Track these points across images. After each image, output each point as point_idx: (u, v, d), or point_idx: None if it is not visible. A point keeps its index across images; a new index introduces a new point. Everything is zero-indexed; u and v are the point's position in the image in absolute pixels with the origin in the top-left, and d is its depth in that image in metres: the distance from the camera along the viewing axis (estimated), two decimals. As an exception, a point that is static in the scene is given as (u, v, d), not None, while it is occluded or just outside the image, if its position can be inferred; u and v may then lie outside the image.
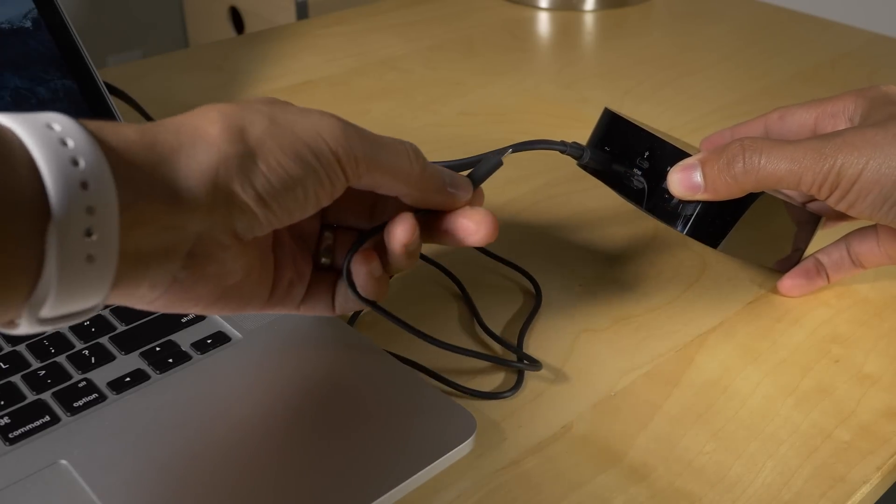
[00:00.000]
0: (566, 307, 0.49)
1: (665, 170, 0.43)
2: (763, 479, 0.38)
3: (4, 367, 0.42)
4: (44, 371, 0.42)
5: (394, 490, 0.36)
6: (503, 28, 0.91)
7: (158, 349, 0.43)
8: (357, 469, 0.37)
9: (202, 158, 0.30)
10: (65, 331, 0.44)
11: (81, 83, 0.54)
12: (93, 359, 0.43)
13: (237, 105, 0.33)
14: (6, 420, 0.39)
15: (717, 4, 0.97)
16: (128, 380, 0.41)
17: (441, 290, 0.50)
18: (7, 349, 0.43)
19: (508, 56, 0.84)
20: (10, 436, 0.38)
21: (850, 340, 0.46)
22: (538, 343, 0.46)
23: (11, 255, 0.25)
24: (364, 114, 0.72)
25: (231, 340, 0.44)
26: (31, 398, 0.40)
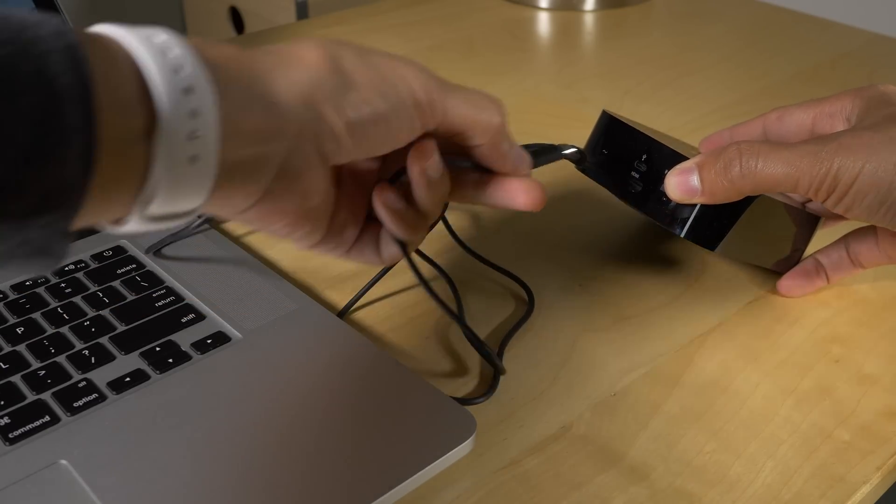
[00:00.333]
0: (566, 307, 0.49)
1: (662, 173, 0.43)
2: (763, 479, 0.38)
3: (4, 367, 0.42)
4: (44, 371, 0.42)
5: (394, 490, 0.36)
6: (503, 28, 0.91)
7: (158, 349, 0.43)
8: (357, 469, 0.37)
9: (298, 78, 0.32)
10: (65, 331, 0.44)
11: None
12: (93, 359, 0.43)
13: (331, 39, 0.35)
14: (6, 420, 0.39)
15: (717, 4, 0.97)
16: (128, 380, 0.41)
17: (439, 290, 0.50)
18: (7, 349, 0.43)
19: (508, 56, 0.84)
20: (10, 436, 0.38)
21: (850, 340, 0.46)
22: (538, 343, 0.46)
23: (123, 156, 0.27)
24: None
25: (231, 340, 0.44)
26: (31, 398, 0.40)
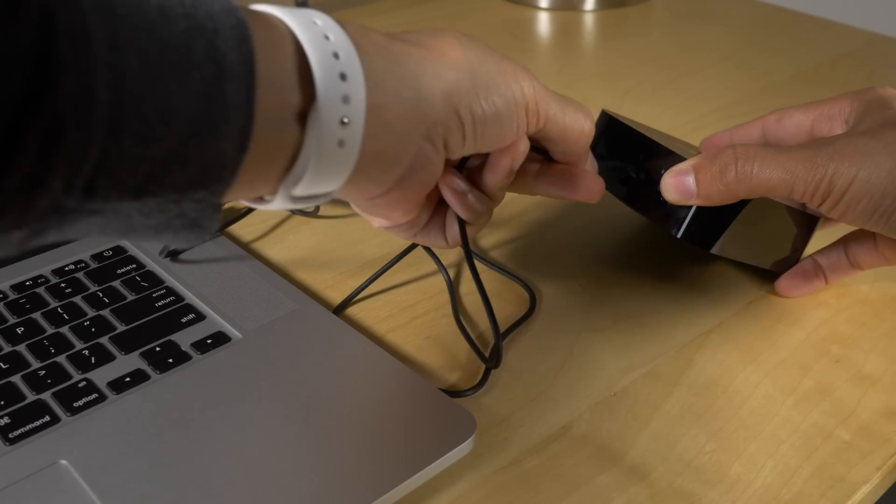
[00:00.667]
0: (566, 307, 0.49)
1: (659, 173, 0.43)
2: (763, 479, 0.38)
3: (4, 367, 0.42)
4: (44, 371, 0.42)
5: (394, 490, 0.36)
6: (503, 28, 0.91)
7: (158, 349, 0.43)
8: (357, 469, 0.37)
9: (443, 75, 0.34)
10: (65, 331, 0.44)
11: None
12: (93, 359, 0.43)
13: (461, 34, 0.37)
14: (6, 420, 0.39)
15: (717, 4, 0.97)
16: (128, 380, 0.41)
17: (436, 285, 0.50)
18: (7, 349, 0.43)
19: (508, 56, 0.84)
20: (10, 436, 0.38)
21: (850, 340, 0.46)
22: (538, 343, 0.46)
23: (277, 135, 0.28)
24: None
25: (231, 340, 0.44)
26: (31, 398, 0.40)
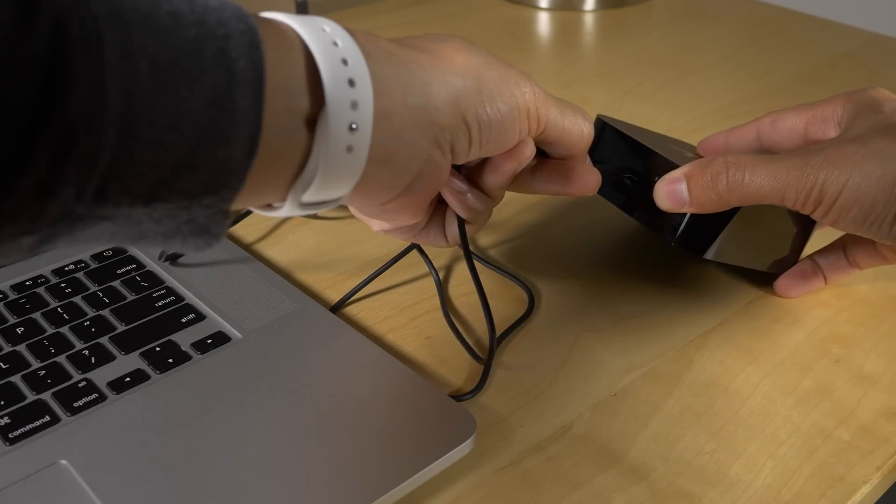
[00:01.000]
0: (566, 307, 0.49)
1: (653, 180, 0.43)
2: (763, 479, 0.38)
3: (4, 367, 0.42)
4: (44, 371, 0.42)
5: (394, 490, 0.36)
6: (503, 28, 0.91)
7: (158, 349, 0.43)
8: (357, 469, 0.37)
9: (451, 82, 0.34)
10: (65, 331, 0.44)
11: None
12: (93, 359, 0.43)
13: (466, 41, 0.37)
14: (6, 420, 0.39)
15: (717, 4, 0.97)
16: (128, 380, 0.41)
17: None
18: (7, 349, 0.43)
19: (508, 56, 0.84)
20: (10, 436, 0.38)
21: (850, 340, 0.46)
22: (538, 343, 0.46)
23: (286, 139, 0.28)
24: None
25: (231, 340, 0.44)
26: (31, 398, 0.40)
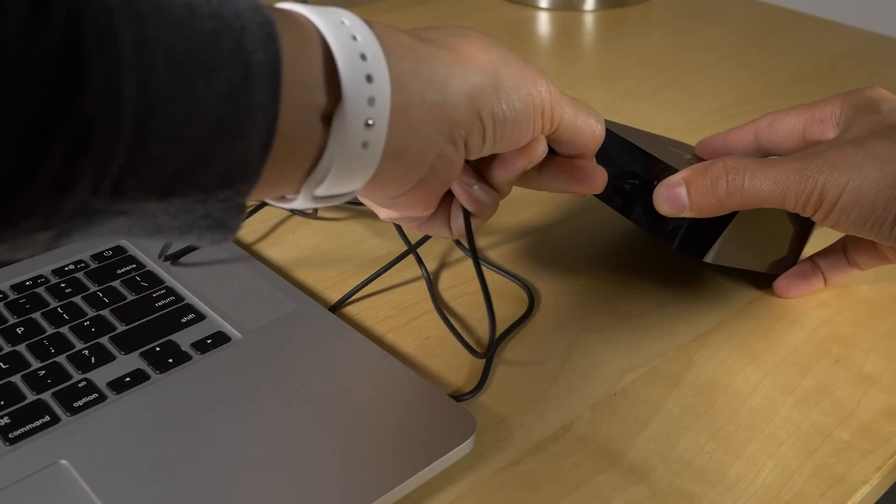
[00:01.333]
0: (566, 307, 0.49)
1: (653, 184, 0.43)
2: (763, 479, 0.38)
3: (4, 367, 0.42)
4: (44, 371, 0.42)
5: (394, 490, 0.36)
6: (503, 28, 0.91)
7: (158, 349, 0.43)
8: (357, 469, 0.37)
9: (470, 79, 0.34)
10: (65, 331, 0.44)
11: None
12: (93, 359, 0.43)
13: (486, 36, 0.36)
14: (6, 420, 0.39)
15: (717, 4, 0.97)
16: (128, 380, 0.41)
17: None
18: (7, 349, 0.43)
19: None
20: (10, 436, 0.38)
21: (850, 340, 0.46)
22: (538, 343, 0.46)
23: (302, 133, 0.28)
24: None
25: (231, 340, 0.44)
26: (31, 398, 0.40)
